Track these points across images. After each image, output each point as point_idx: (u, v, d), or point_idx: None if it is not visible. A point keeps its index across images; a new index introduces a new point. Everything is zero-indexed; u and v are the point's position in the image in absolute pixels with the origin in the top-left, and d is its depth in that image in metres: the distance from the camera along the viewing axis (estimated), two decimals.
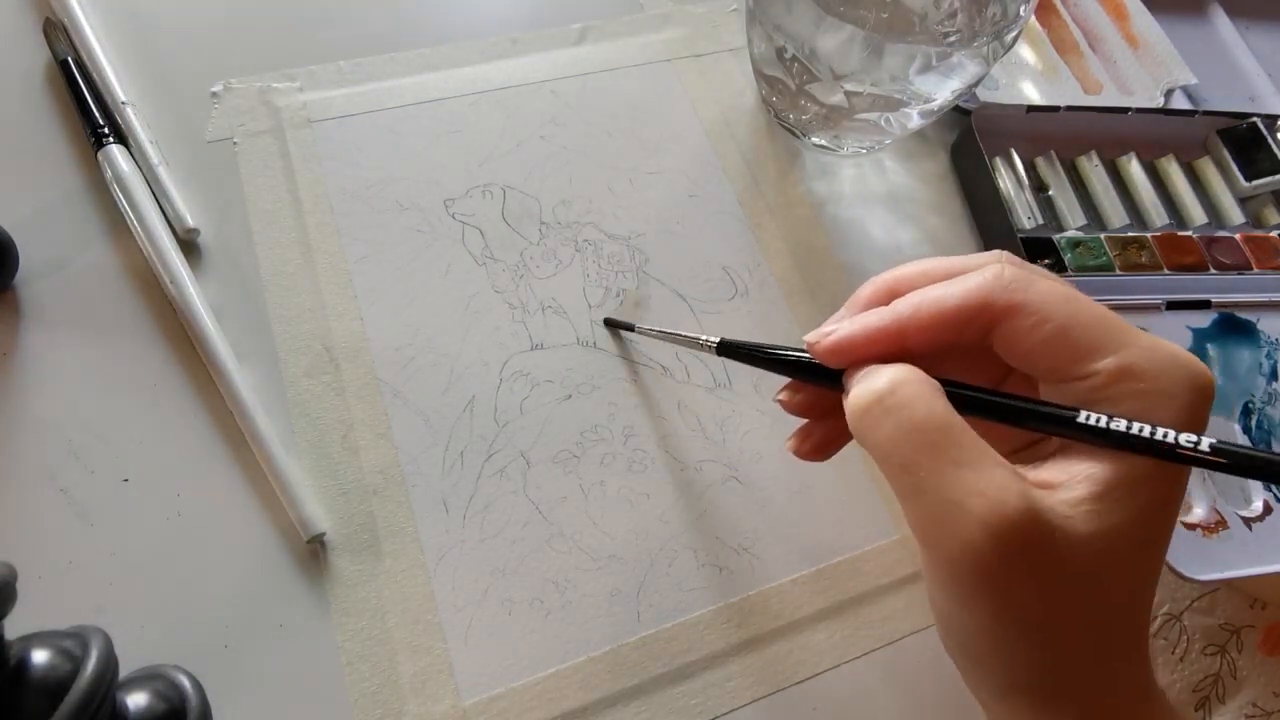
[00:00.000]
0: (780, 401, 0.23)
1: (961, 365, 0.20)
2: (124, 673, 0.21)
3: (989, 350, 0.20)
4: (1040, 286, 0.19)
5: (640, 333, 0.31)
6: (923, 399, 0.18)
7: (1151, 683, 0.19)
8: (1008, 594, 0.17)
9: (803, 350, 0.22)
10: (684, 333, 0.27)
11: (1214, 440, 0.17)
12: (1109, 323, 0.19)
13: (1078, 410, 0.18)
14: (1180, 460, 0.17)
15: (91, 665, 0.19)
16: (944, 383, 0.19)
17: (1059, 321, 0.19)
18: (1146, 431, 0.17)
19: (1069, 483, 0.18)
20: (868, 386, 0.19)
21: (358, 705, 0.25)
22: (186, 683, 0.23)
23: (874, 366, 0.20)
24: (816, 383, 0.22)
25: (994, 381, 0.22)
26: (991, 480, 0.17)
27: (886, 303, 0.21)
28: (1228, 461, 0.16)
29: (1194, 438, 0.17)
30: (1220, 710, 0.30)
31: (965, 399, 0.19)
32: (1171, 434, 0.17)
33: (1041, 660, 0.18)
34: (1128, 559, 0.18)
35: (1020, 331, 0.19)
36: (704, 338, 0.26)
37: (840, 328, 0.21)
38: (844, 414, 0.20)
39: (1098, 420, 0.18)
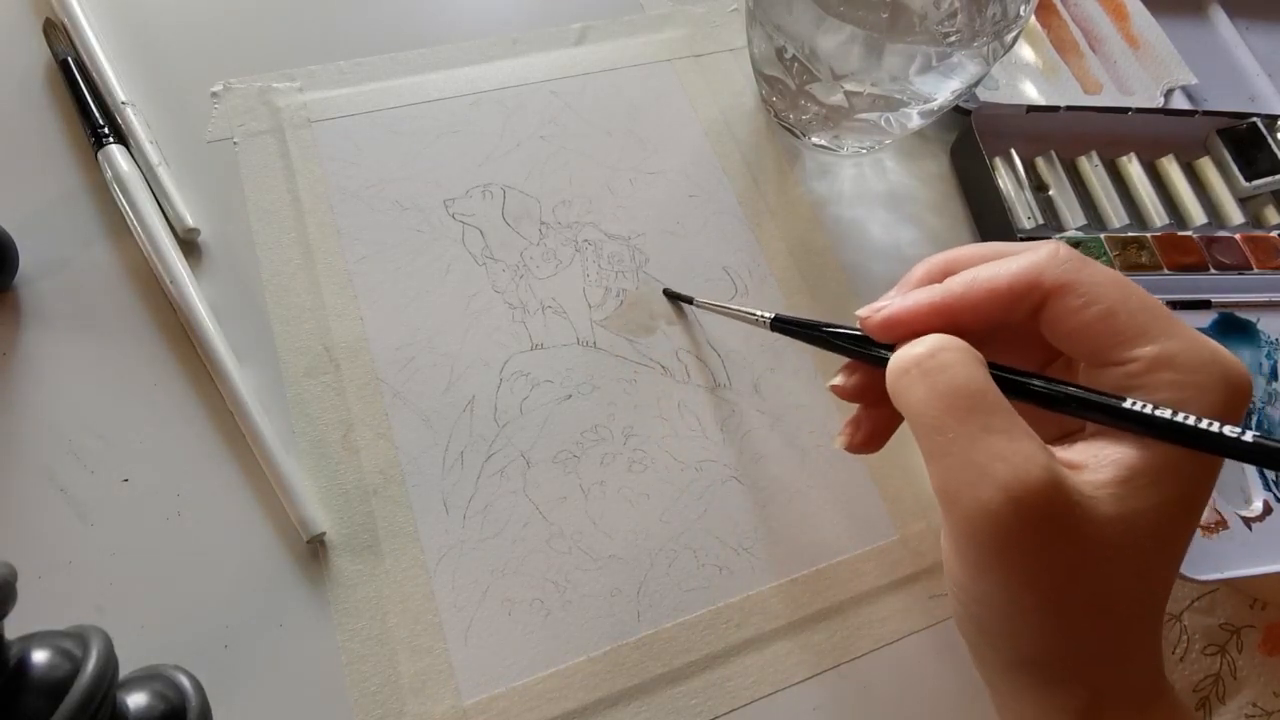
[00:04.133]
0: (834, 387, 0.24)
1: (1006, 350, 0.21)
2: (124, 673, 0.21)
3: (1032, 338, 0.21)
4: (1092, 268, 0.20)
5: (699, 305, 0.32)
6: (960, 364, 0.19)
7: (1161, 675, 0.19)
8: (1022, 561, 0.17)
9: (854, 327, 0.22)
10: (739, 308, 0.28)
11: (1257, 433, 0.17)
12: (1155, 311, 0.19)
13: (1123, 397, 0.18)
14: (1222, 452, 0.17)
15: (91, 665, 0.19)
16: (991, 366, 0.19)
17: (1107, 304, 0.19)
18: (1190, 420, 0.17)
19: (1095, 465, 0.18)
20: (908, 349, 0.20)
21: (358, 705, 0.25)
22: (186, 683, 0.23)
23: (921, 338, 0.20)
24: (865, 359, 0.22)
25: (1035, 369, 0.22)
26: (1018, 449, 0.17)
27: (939, 282, 0.22)
28: (1271, 455, 0.16)
29: (1236, 429, 0.17)
30: (1220, 710, 0.30)
31: (1009, 383, 0.19)
32: (1215, 424, 0.17)
33: (1051, 636, 0.18)
34: (1147, 547, 0.18)
35: (1068, 311, 0.19)
36: (759, 313, 0.27)
37: (893, 302, 0.21)
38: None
39: (1142, 406, 0.18)
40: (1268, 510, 0.32)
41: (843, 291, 0.35)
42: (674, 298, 0.33)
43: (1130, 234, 0.38)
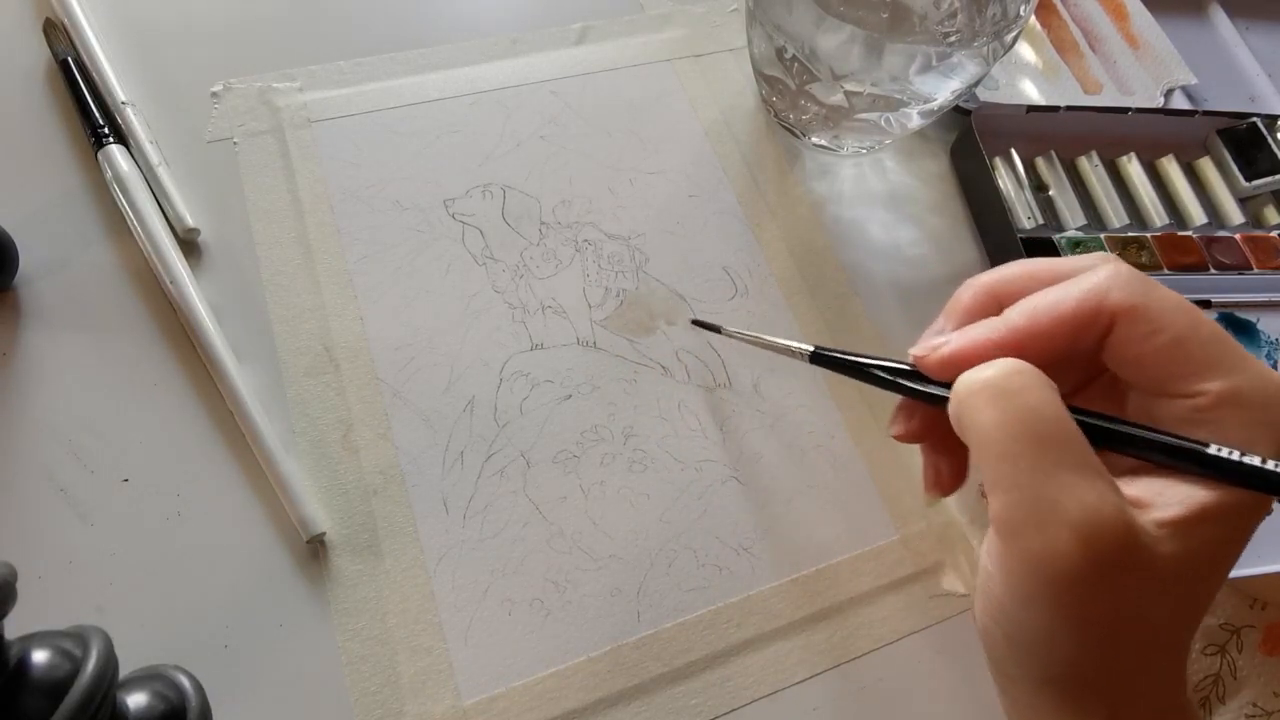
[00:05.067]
0: (896, 436, 0.23)
1: (1045, 372, 0.20)
2: (124, 673, 0.21)
3: (1075, 358, 0.20)
4: (1160, 292, 0.19)
5: (728, 335, 0.30)
6: (1037, 390, 0.18)
7: (1183, 691, 0.19)
8: (1081, 601, 0.17)
9: (903, 361, 0.21)
10: (775, 339, 0.27)
11: None
12: (1224, 343, 0.18)
13: (1207, 443, 0.17)
14: None
15: (91, 665, 0.19)
16: (1071, 409, 0.18)
17: (1175, 332, 0.18)
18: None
19: (1161, 504, 0.18)
20: (978, 371, 0.19)
21: (358, 705, 0.25)
22: (186, 683, 0.23)
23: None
24: (925, 399, 0.21)
25: (1072, 391, 0.21)
26: (1093, 488, 0.17)
27: (989, 308, 0.21)
28: None
29: None
30: (1220, 710, 0.30)
31: (1086, 427, 0.18)
32: None
33: (1088, 660, 0.18)
34: (1198, 581, 0.18)
35: (1134, 338, 0.18)
36: (796, 345, 0.25)
37: (952, 339, 0.20)
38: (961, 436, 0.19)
39: (1229, 454, 0.17)
40: (1268, 511, 0.32)
41: (843, 292, 0.35)
42: (702, 326, 0.32)
43: (1130, 234, 0.38)
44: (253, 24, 0.37)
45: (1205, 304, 0.37)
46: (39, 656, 0.19)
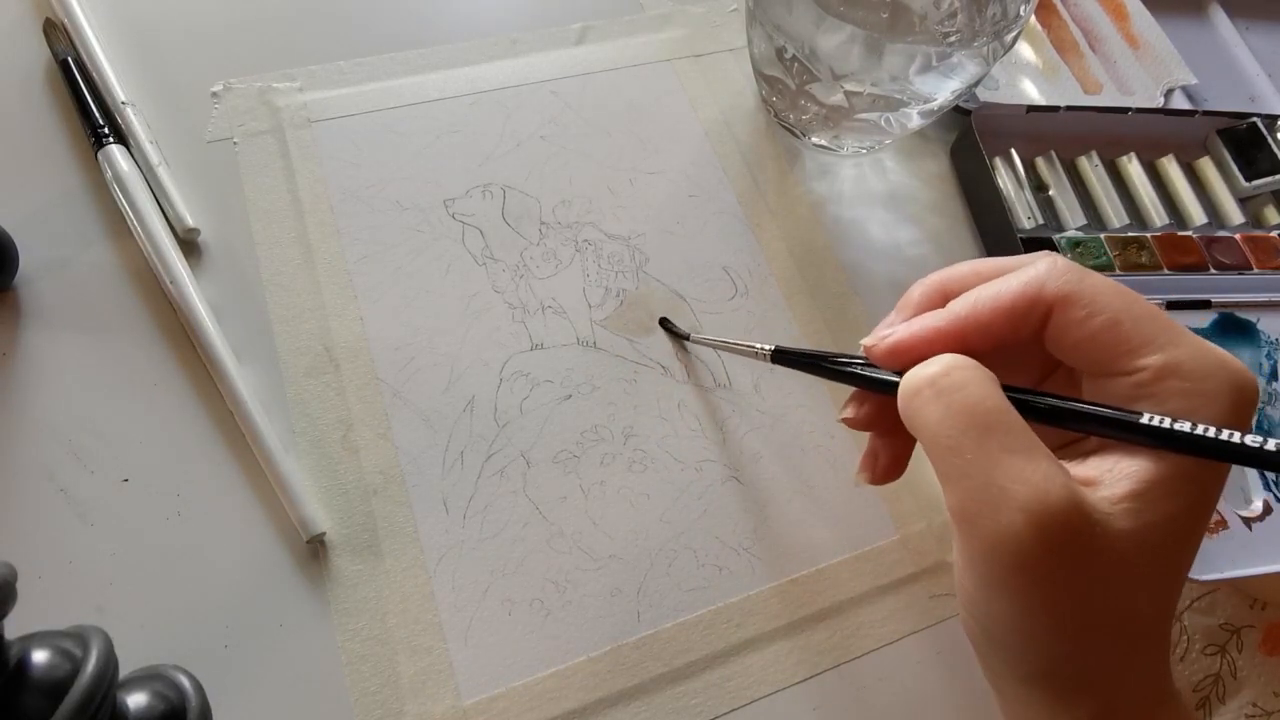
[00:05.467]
0: (845, 420, 0.23)
1: (1002, 366, 0.21)
2: (124, 673, 0.21)
3: (1029, 352, 0.21)
4: (1093, 279, 0.19)
5: (695, 341, 0.32)
6: (976, 383, 0.18)
7: (1169, 684, 0.19)
8: (1041, 583, 0.17)
9: (858, 356, 0.22)
10: (737, 342, 0.28)
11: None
12: (1158, 320, 0.19)
13: (1140, 412, 0.18)
14: (1243, 461, 0.17)
15: (91, 665, 0.19)
16: (1005, 388, 0.19)
17: (1110, 314, 0.19)
18: (1210, 432, 0.17)
19: (1110, 480, 0.18)
20: (920, 370, 0.19)
21: (358, 705, 0.25)
22: (186, 683, 0.23)
23: (931, 359, 0.20)
24: (874, 387, 0.22)
25: (1033, 385, 0.22)
26: (1038, 469, 0.17)
27: (938, 303, 0.21)
28: None
29: (1258, 438, 0.17)
30: (1220, 710, 0.30)
31: (1021, 403, 0.19)
32: (1236, 435, 0.17)
33: (1064, 650, 0.18)
34: (1160, 558, 0.18)
35: (1072, 323, 0.19)
36: (759, 346, 0.26)
37: (897, 330, 0.21)
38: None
39: (1161, 421, 0.18)
40: (1268, 510, 0.32)
41: (843, 292, 0.35)
42: (671, 333, 0.33)
43: (1130, 234, 0.38)
44: (253, 24, 0.37)
45: (1205, 304, 0.37)
46: (39, 656, 0.19)
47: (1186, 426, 0.17)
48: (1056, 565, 0.17)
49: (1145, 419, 0.18)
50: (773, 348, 0.26)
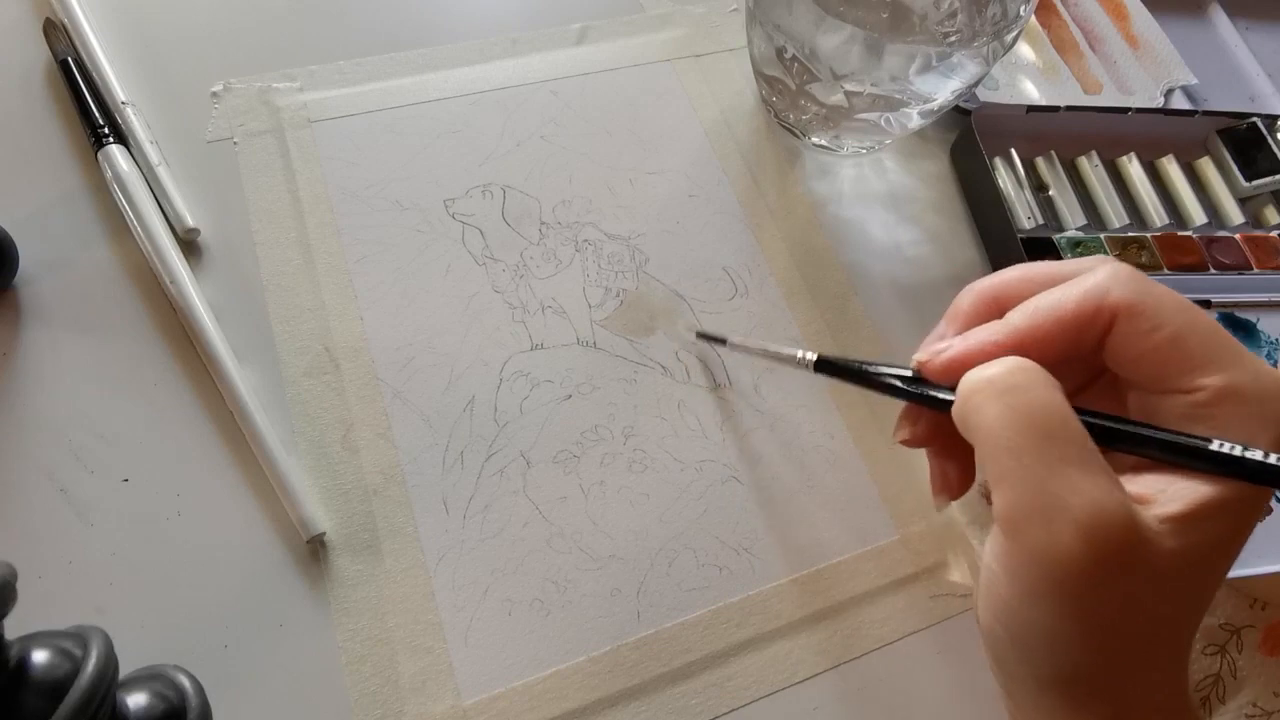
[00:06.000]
0: (903, 441, 0.23)
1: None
2: (124, 673, 0.21)
3: (1073, 359, 0.20)
4: (1158, 290, 0.19)
5: (733, 347, 0.30)
6: (1041, 386, 0.18)
7: (1186, 694, 0.19)
8: (1085, 596, 0.17)
9: (906, 367, 0.21)
10: (779, 349, 0.26)
11: None
12: (1221, 338, 0.18)
13: (1209, 439, 0.18)
14: None
15: (91, 665, 0.19)
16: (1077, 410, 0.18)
17: (1174, 329, 0.18)
18: (1274, 459, 0.17)
19: (1163, 499, 0.18)
20: (982, 370, 0.19)
21: (358, 705, 0.25)
22: (186, 683, 0.23)
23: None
24: (929, 404, 0.21)
25: (1072, 391, 0.21)
26: (1097, 484, 0.17)
27: (988, 312, 0.21)
28: None
29: None
30: (1220, 710, 0.30)
31: (1090, 427, 0.18)
32: None
33: (1090, 659, 0.18)
34: (1200, 576, 0.18)
35: (1133, 335, 0.19)
36: (800, 354, 0.25)
37: (954, 344, 0.20)
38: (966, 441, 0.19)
39: (1231, 449, 0.17)
40: (1268, 510, 0.32)
41: (843, 292, 0.35)
42: (707, 339, 0.32)
43: (1130, 234, 0.38)
44: (253, 24, 0.37)
45: (1205, 304, 0.37)
46: (39, 656, 0.19)
47: (1259, 455, 0.17)
48: (1103, 580, 0.17)
49: (1214, 446, 0.17)
50: (815, 357, 0.25)
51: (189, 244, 0.32)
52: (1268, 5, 0.50)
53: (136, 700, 0.22)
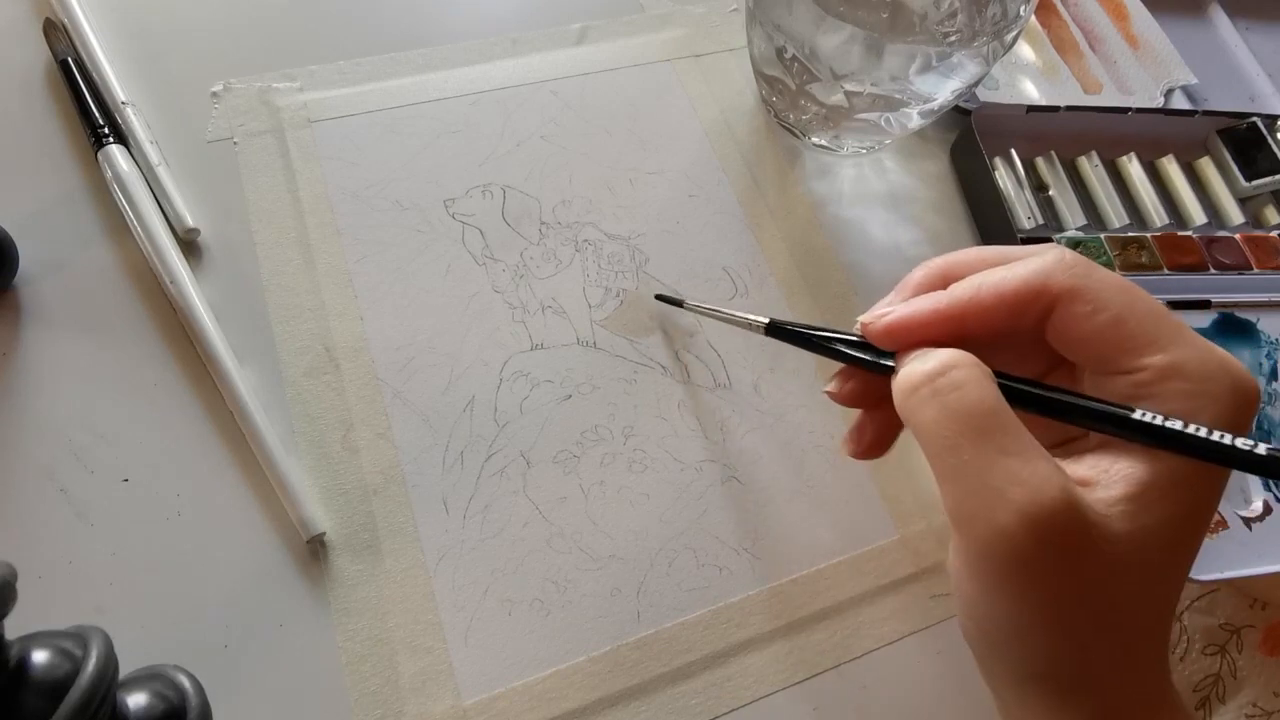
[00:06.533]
0: (829, 393, 0.23)
1: (1006, 357, 0.21)
2: (124, 673, 0.21)
3: (1033, 344, 0.20)
4: (1100, 274, 0.19)
5: (689, 308, 0.31)
6: (974, 383, 0.18)
7: (1168, 682, 0.19)
8: (1037, 584, 0.17)
9: (852, 332, 0.22)
10: (732, 312, 0.27)
11: (1272, 445, 0.16)
12: (1163, 319, 0.19)
13: (1132, 408, 0.18)
14: (1234, 465, 0.17)
15: (91, 665, 0.19)
16: (997, 375, 0.19)
17: (1115, 311, 0.19)
18: (1203, 432, 0.17)
19: (1106, 481, 0.18)
20: (918, 366, 0.19)
21: (358, 705, 0.25)
22: (186, 683, 0.23)
23: (927, 349, 0.20)
24: (867, 367, 0.22)
25: (1036, 377, 0.22)
26: (1035, 471, 0.17)
27: (939, 287, 0.21)
28: None
29: (1249, 441, 0.17)
30: (1220, 710, 0.30)
31: (1016, 393, 0.19)
32: (1228, 437, 0.17)
33: (1061, 651, 0.18)
34: (1158, 561, 0.18)
35: (1076, 318, 0.19)
36: (752, 318, 0.26)
37: (896, 309, 0.21)
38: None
39: (1153, 418, 0.17)
40: (1267, 510, 0.32)
41: (843, 292, 0.35)
42: (666, 301, 0.32)
43: (1130, 234, 0.38)
44: (253, 24, 0.37)
45: (1205, 304, 0.37)
46: (39, 656, 0.19)
47: (1178, 425, 0.17)
48: (1053, 566, 0.17)
49: (1137, 415, 0.18)
50: (767, 320, 0.25)
51: (189, 244, 0.32)
52: (1268, 5, 0.50)
53: (136, 700, 0.22)
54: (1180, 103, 0.44)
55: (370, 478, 0.29)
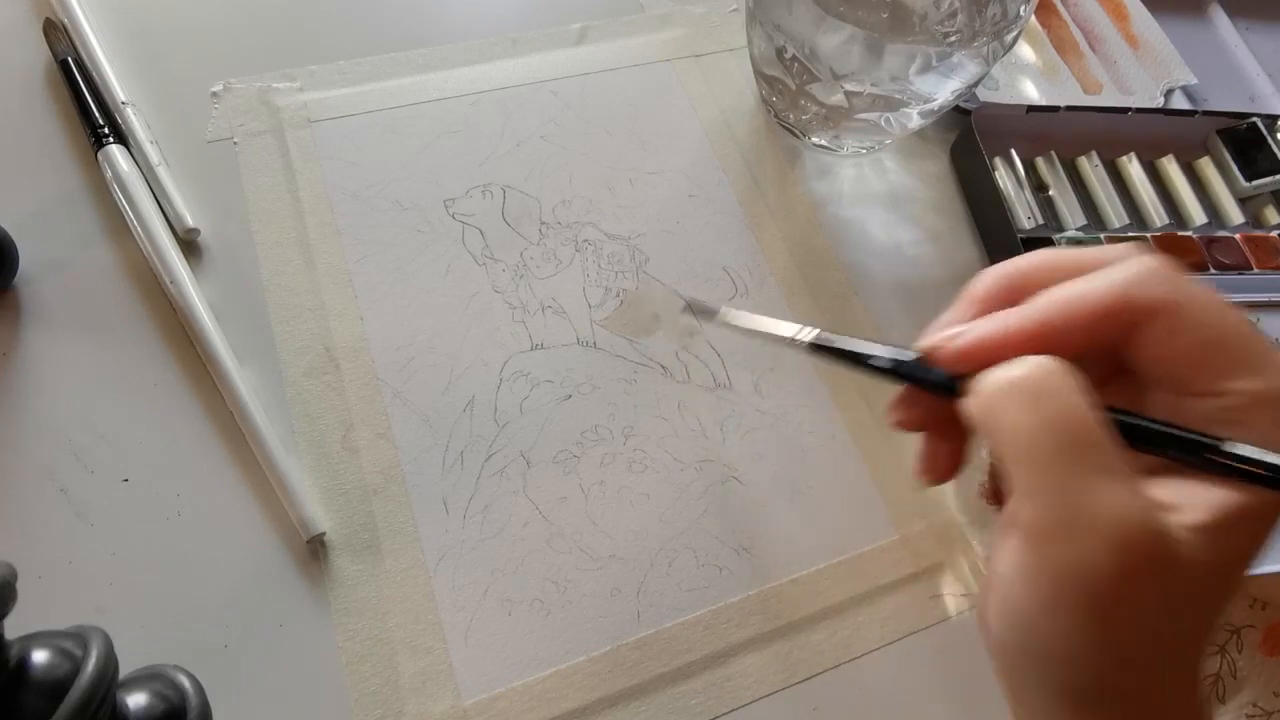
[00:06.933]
0: (896, 424, 0.22)
1: None
2: (124, 673, 0.21)
3: (1096, 352, 0.19)
4: (1192, 289, 0.18)
5: (723, 323, 0.26)
6: (1070, 392, 0.17)
7: (1199, 700, 0.19)
8: (1110, 608, 0.17)
9: (906, 348, 0.20)
10: (773, 328, 0.23)
11: None
12: (1254, 339, 0.18)
13: (1235, 441, 0.17)
14: None
15: (91, 665, 0.19)
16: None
17: (1209, 332, 0.17)
18: None
19: (1187, 507, 0.17)
20: (1004, 371, 0.18)
21: (358, 705, 0.25)
22: (186, 683, 0.23)
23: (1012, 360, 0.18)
24: (927, 388, 0.20)
25: (1091, 386, 0.22)
26: (1125, 494, 0.16)
27: (1008, 299, 0.20)
28: None
29: None
30: (1220, 710, 0.30)
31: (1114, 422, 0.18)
32: None
33: (1108, 669, 0.17)
34: (1222, 587, 0.18)
35: (1162, 336, 0.18)
36: (796, 334, 0.23)
37: (971, 329, 0.19)
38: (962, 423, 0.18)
39: (1259, 455, 0.17)
40: None
41: (843, 292, 0.35)
42: (698, 311, 0.30)
43: (1130, 234, 0.38)
44: (253, 24, 0.37)
45: None
46: (39, 656, 0.19)
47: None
48: (1131, 592, 0.16)
49: (1242, 450, 0.17)
50: (813, 336, 0.22)
51: (189, 244, 0.32)
52: (1268, 5, 0.50)
53: (136, 700, 0.22)
54: (1180, 103, 0.44)
55: (370, 478, 0.29)
